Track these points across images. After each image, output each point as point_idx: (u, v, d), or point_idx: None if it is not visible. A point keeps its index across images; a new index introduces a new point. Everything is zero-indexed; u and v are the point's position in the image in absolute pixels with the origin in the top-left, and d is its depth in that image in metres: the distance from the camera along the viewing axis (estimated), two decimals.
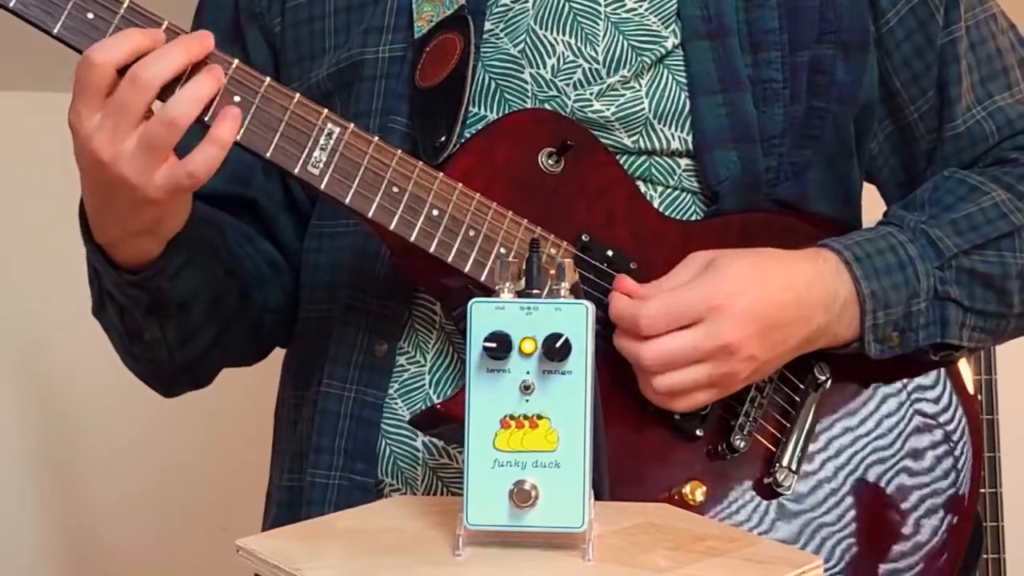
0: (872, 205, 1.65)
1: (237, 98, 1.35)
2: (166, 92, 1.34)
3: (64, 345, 2.65)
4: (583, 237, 1.47)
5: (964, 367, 1.58)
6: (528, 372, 1.16)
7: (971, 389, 1.58)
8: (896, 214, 1.56)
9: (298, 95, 1.38)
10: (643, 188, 1.51)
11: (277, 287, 1.63)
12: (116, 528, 2.72)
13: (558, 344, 1.15)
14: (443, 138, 1.46)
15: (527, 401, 1.16)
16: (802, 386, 1.51)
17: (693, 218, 1.52)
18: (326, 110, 1.38)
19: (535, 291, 1.19)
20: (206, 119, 1.34)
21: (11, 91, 2.63)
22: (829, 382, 1.52)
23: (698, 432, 1.48)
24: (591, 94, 1.50)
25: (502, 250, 1.43)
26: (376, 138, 1.40)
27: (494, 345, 1.16)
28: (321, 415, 1.52)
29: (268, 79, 1.37)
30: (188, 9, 1.64)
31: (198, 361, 1.59)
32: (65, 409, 2.71)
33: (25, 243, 2.67)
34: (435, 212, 1.41)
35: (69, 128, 1.35)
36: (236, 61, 1.37)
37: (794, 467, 1.49)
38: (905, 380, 1.55)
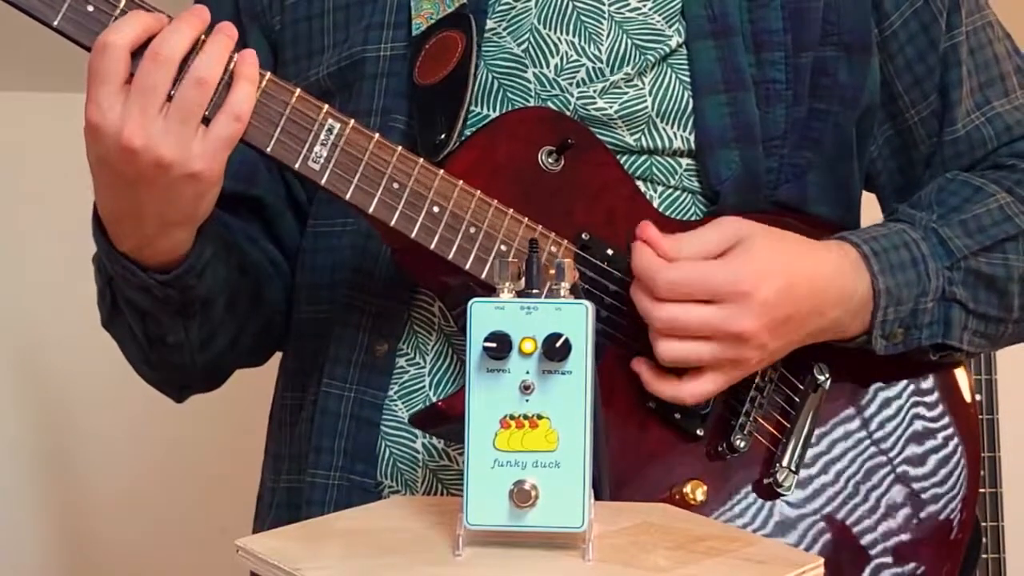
0: (871, 208, 1.65)
1: None
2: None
3: (64, 345, 2.65)
4: (583, 236, 1.46)
5: (961, 370, 1.58)
6: (528, 372, 1.16)
7: (969, 392, 1.58)
8: (906, 212, 1.56)
9: (299, 90, 1.37)
10: (643, 188, 1.51)
11: (281, 287, 1.62)
12: (115, 528, 2.72)
13: (558, 344, 1.15)
14: (443, 136, 1.46)
15: (527, 401, 1.16)
16: (802, 387, 1.51)
17: (692, 218, 1.52)
18: (327, 105, 1.38)
19: (535, 291, 1.19)
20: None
21: (11, 91, 2.63)
22: (828, 383, 1.52)
23: (699, 431, 1.47)
24: (594, 91, 1.50)
25: (502, 247, 1.42)
26: (377, 134, 1.39)
27: (494, 345, 1.16)
28: (321, 415, 1.51)
29: (269, 74, 1.36)
30: (188, 3, 1.63)
31: (215, 363, 1.58)
32: (64, 408, 2.70)
33: (25, 243, 2.66)
34: (435, 209, 1.41)
35: (88, 126, 1.31)
36: (237, 55, 1.35)
37: (794, 467, 1.49)
38: (904, 382, 1.55)
